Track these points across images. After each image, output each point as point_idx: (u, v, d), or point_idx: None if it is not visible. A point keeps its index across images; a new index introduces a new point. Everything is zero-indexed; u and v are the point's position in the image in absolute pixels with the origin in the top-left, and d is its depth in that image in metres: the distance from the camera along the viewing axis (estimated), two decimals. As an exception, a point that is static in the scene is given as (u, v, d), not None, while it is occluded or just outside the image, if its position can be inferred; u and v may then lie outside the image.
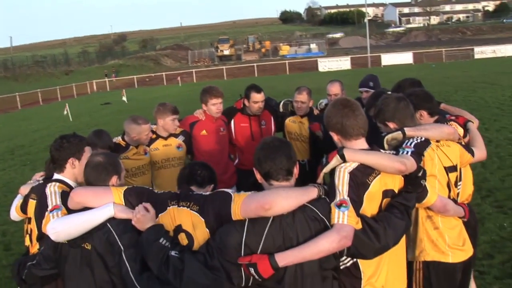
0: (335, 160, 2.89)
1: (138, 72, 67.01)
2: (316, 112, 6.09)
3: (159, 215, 2.94)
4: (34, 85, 54.70)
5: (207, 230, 2.83)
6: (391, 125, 3.44)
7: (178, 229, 2.91)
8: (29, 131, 23.75)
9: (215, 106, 5.50)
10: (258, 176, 2.88)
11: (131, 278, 2.81)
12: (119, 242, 2.88)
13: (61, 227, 2.93)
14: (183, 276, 2.67)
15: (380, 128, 3.60)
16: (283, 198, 2.65)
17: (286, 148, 2.83)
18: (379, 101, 3.56)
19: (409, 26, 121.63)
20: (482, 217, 6.96)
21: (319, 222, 2.72)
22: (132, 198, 2.98)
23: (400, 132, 3.33)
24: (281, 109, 6.21)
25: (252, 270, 2.59)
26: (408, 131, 3.33)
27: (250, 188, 2.91)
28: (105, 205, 2.93)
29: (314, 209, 2.73)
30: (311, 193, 2.77)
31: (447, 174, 3.47)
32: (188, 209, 2.89)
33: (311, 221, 2.71)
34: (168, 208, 2.95)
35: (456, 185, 3.60)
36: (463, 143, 3.80)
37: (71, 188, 3.37)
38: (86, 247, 2.95)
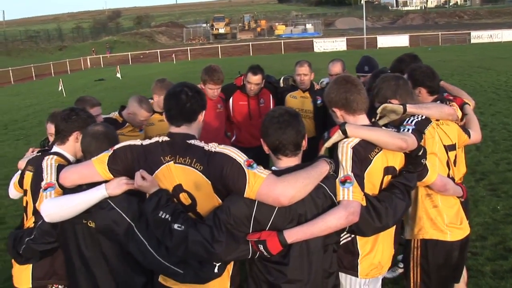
0: (337, 135, 2.88)
1: (133, 49, 66.51)
2: (317, 87, 6.01)
3: (153, 175, 2.76)
4: (27, 60, 54.17)
5: (216, 195, 2.73)
6: (394, 102, 3.37)
7: (178, 188, 2.76)
8: (23, 106, 23.62)
9: (212, 90, 5.41)
10: (265, 148, 2.82)
11: (151, 252, 2.74)
12: (128, 219, 2.80)
13: (53, 210, 2.86)
14: (186, 250, 2.62)
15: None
16: (301, 189, 2.58)
17: (295, 122, 2.74)
18: (377, 81, 3.52)
19: (406, 8, 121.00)
20: (476, 199, 6.98)
21: (327, 199, 2.70)
22: (119, 165, 2.81)
23: (401, 106, 3.27)
24: (281, 84, 6.10)
25: (261, 247, 2.60)
26: (410, 108, 3.29)
27: None
28: (97, 188, 2.82)
29: (324, 185, 2.71)
30: (324, 173, 2.72)
31: (447, 153, 3.47)
32: (190, 167, 2.72)
33: (320, 198, 2.69)
34: (162, 166, 2.76)
35: (455, 163, 3.60)
36: (459, 124, 3.79)
37: (68, 161, 3.33)
38: (89, 224, 2.88)
